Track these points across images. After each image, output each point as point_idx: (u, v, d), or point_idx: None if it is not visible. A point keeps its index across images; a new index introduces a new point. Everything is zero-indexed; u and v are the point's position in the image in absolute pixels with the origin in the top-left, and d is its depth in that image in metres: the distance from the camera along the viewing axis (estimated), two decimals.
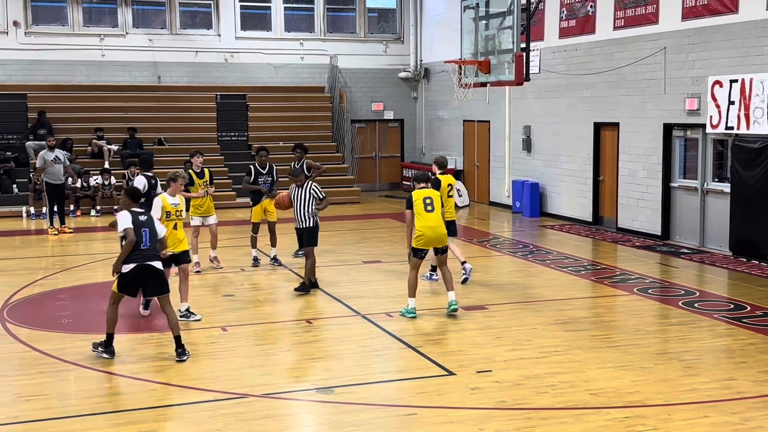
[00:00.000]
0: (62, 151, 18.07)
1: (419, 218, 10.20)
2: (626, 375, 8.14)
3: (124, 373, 8.35)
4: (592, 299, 11.78)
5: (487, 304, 11.07)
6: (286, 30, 25.12)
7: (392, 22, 26.36)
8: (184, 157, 21.69)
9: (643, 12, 16.26)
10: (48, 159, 17.42)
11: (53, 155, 17.47)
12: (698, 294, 11.72)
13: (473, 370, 8.30)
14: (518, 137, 20.39)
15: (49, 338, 9.55)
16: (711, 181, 15.11)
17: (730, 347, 9.22)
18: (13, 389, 7.93)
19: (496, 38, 14.12)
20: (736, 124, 13.94)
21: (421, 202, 10.25)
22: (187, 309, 10.18)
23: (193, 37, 24.23)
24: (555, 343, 9.24)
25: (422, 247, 10.23)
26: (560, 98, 18.93)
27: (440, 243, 10.28)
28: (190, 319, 10.13)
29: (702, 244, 15.19)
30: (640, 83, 16.40)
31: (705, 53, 14.80)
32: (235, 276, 12.91)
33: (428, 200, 10.28)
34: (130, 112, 23.15)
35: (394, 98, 26.04)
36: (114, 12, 23.71)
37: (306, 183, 11.70)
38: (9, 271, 13.71)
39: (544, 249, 15.42)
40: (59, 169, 17.46)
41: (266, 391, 7.78)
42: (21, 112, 22.31)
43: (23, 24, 22.74)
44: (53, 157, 17.45)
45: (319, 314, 10.78)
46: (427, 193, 10.37)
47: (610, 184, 17.58)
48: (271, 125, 24.27)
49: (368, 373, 8.46)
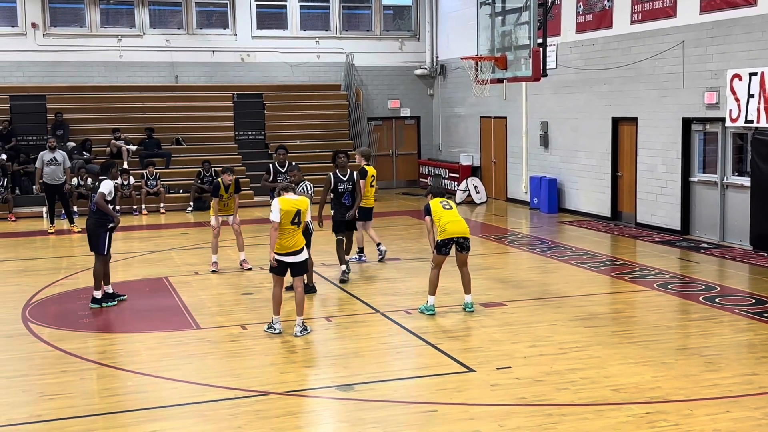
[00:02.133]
0: (62, 152, 18.22)
1: (440, 217, 10.37)
2: (647, 371, 8.10)
3: (145, 371, 8.40)
4: (611, 295, 11.73)
5: (505, 301, 11.05)
6: (302, 28, 25.16)
7: (408, 19, 26.33)
8: (202, 156, 21.93)
9: (660, 5, 16.16)
10: (45, 159, 17.73)
11: (51, 156, 17.72)
12: (719, 289, 11.64)
13: (493, 367, 8.29)
14: (535, 133, 20.32)
15: (71, 337, 9.63)
16: (731, 175, 15.00)
17: (751, 342, 9.16)
18: (37, 388, 8.00)
19: (512, 34, 14.10)
20: (756, 118, 13.82)
21: (438, 205, 10.50)
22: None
23: (210, 37, 24.33)
24: (575, 339, 9.21)
25: (448, 236, 10.27)
26: (577, 93, 18.84)
27: (463, 233, 10.36)
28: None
29: (722, 239, 15.08)
30: (658, 77, 16.30)
31: (723, 46, 14.69)
32: (255, 275, 12.96)
33: (444, 202, 10.56)
34: (147, 112, 23.28)
35: (410, 95, 26.02)
36: (131, 13, 23.84)
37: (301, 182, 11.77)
38: (31, 271, 13.84)
39: (562, 245, 15.36)
40: (57, 170, 17.71)
41: (286, 389, 7.81)
42: (40, 114, 22.48)
43: (41, 26, 22.91)
44: (51, 158, 17.71)
45: (339, 312, 10.80)
46: (442, 198, 10.68)
47: (629, 179, 17.49)
48: (288, 124, 24.34)
49: (388, 370, 8.47)
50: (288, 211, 9.34)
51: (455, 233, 10.29)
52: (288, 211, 9.34)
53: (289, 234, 9.38)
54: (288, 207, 9.36)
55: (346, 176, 12.43)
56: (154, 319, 10.55)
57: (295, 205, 9.43)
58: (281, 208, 9.33)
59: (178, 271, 13.46)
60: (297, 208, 9.40)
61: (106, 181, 10.97)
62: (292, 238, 9.41)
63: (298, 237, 9.50)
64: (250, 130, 24.19)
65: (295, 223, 9.40)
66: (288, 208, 9.35)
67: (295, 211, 9.37)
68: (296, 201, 9.50)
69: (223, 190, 13.27)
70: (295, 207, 9.40)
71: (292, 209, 9.36)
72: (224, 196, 13.28)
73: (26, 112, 22.33)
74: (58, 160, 17.76)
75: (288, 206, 9.37)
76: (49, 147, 18.00)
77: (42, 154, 17.91)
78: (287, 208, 9.35)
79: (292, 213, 9.35)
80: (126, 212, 19.78)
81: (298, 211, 9.40)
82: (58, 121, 21.91)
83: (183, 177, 21.91)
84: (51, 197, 17.93)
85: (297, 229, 9.43)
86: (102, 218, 10.90)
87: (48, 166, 17.70)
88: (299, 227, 9.45)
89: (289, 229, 9.38)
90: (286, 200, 9.43)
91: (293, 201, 9.47)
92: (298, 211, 9.41)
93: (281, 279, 9.59)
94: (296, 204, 9.45)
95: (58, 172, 17.74)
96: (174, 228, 18.39)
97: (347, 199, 12.42)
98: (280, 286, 9.61)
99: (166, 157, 22.33)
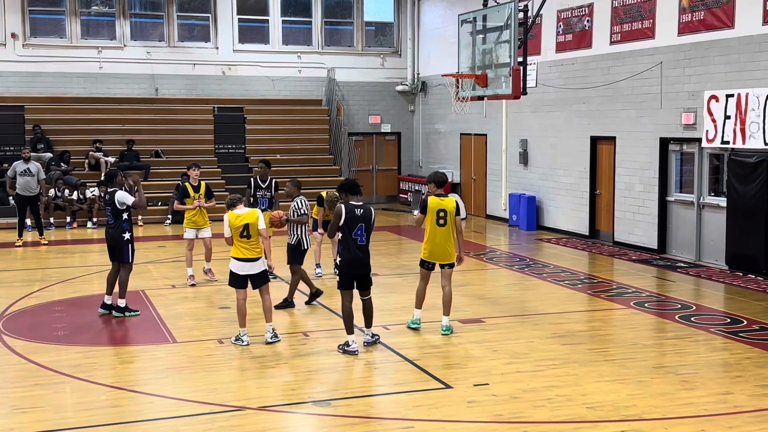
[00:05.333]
0: (36, 163, 17.96)
1: (431, 231, 10.11)
2: (623, 389, 8.13)
3: (120, 385, 8.32)
4: (588, 313, 11.78)
5: (483, 318, 11.07)
6: (283, 43, 25.19)
7: (390, 35, 26.45)
8: (181, 169, 21.78)
9: (639, 27, 16.34)
10: (18, 170, 17.52)
11: (25, 167, 17.48)
12: (695, 308, 11.73)
13: (470, 384, 8.29)
14: (515, 150, 20.44)
15: (45, 350, 9.52)
16: (707, 195, 15.15)
17: (726, 361, 9.23)
18: (10, 401, 7.90)
19: (493, 52, 14.18)
20: (732, 139, 13.99)
21: (435, 215, 10.08)
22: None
23: (191, 50, 24.29)
24: (552, 357, 9.24)
25: (427, 259, 10.22)
26: (557, 112, 18.99)
27: (445, 259, 10.18)
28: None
29: (698, 258, 15.21)
30: (636, 97, 16.46)
31: (701, 68, 14.87)
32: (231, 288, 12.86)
33: (442, 213, 10.07)
34: (127, 124, 23.18)
35: (391, 111, 26.09)
36: (112, 24, 23.77)
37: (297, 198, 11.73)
38: (5, 282, 13.68)
39: (540, 262, 15.43)
40: (29, 181, 17.43)
41: (263, 404, 7.76)
42: (18, 124, 22.29)
43: (21, 36, 22.78)
44: (24, 168, 17.46)
45: (316, 327, 10.77)
46: (442, 204, 10.12)
47: (607, 198, 17.62)
48: (269, 138, 24.31)
49: (365, 386, 8.45)
50: (236, 225, 9.64)
51: (435, 257, 10.19)
52: (237, 226, 9.63)
53: (241, 246, 9.64)
54: (235, 221, 9.66)
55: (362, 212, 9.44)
56: (129, 332, 10.46)
57: (243, 219, 9.68)
58: (229, 221, 9.68)
59: (155, 284, 13.36)
60: (245, 222, 9.66)
61: (119, 192, 11.15)
62: (245, 250, 9.65)
63: (252, 249, 9.69)
64: (230, 144, 24.13)
65: (244, 236, 9.64)
66: (236, 222, 9.65)
67: (243, 225, 9.63)
68: (244, 215, 9.75)
69: (191, 190, 13.08)
70: (242, 221, 9.66)
71: (240, 223, 9.64)
72: (194, 196, 13.07)
73: (4, 122, 22.13)
74: (32, 171, 17.50)
75: (235, 220, 9.67)
76: (24, 158, 17.79)
77: (15, 165, 17.70)
78: (235, 222, 9.66)
79: (239, 227, 9.62)
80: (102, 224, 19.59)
81: (246, 225, 9.64)
82: (38, 135, 21.75)
83: (162, 190, 21.80)
84: (23, 209, 17.62)
85: (249, 241, 9.66)
86: (122, 228, 10.99)
87: (21, 177, 17.44)
88: (250, 239, 9.66)
89: (240, 241, 9.64)
90: (234, 214, 9.73)
91: (241, 215, 9.72)
92: (246, 224, 9.65)
93: (243, 291, 9.81)
94: (244, 218, 9.70)
95: (32, 183, 17.48)
96: (152, 241, 18.27)
97: (360, 235, 9.44)
98: (243, 298, 9.80)
99: (144, 169, 22.21)
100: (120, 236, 11.04)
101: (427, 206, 10.12)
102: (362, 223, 9.35)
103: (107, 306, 11.25)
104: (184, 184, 13.28)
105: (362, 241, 9.38)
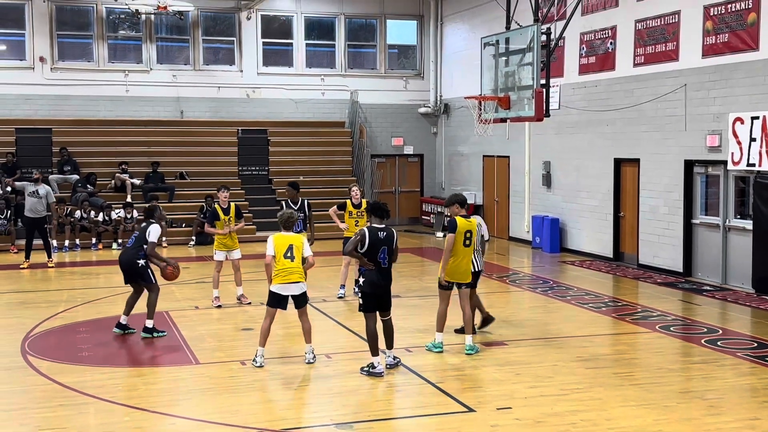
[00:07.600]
0: (46, 186, 17.84)
1: (457, 251, 10.17)
2: (649, 414, 8.04)
3: (143, 406, 8.35)
4: (613, 336, 11.68)
5: (506, 340, 11.00)
6: (307, 66, 25.39)
7: (412, 58, 26.57)
8: (205, 191, 21.97)
9: (663, 49, 16.30)
10: (26, 191, 17.47)
11: (33, 189, 17.39)
12: (721, 332, 11.59)
13: (493, 407, 8.23)
14: (538, 173, 20.39)
15: (70, 371, 9.58)
16: (733, 218, 15.02)
17: (754, 386, 9.10)
18: (35, 422, 7.95)
19: (516, 74, 14.20)
20: (758, 161, 13.86)
21: (462, 236, 10.19)
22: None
23: (216, 73, 24.55)
24: (576, 380, 9.16)
25: (449, 279, 10.24)
26: (580, 134, 18.94)
27: (464, 279, 10.29)
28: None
29: (724, 282, 15.05)
30: (660, 120, 16.39)
31: (725, 90, 14.79)
32: (255, 310, 12.93)
33: (468, 234, 10.23)
34: (153, 146, 23.42)
35: (414, 133, 26.17)
36: (138, 48, 24.10)
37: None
38: (31, 303, 13.81)
39: (564, 285, 15.33)
40: (37, 204, 17.27)
41: (284, 426, 7.75)
42: (46, 147, 22.61)
43: (49, 60, 23.14)
44: (32, 190, 17.37)
45: (339, 349, 10.76)
46: (468, 225, 10.27)
47: (631, 220, 17.51)
48: (292, 159, 24.46)
49: (387, 409, 8.42)
50: (281, 245, 9.65)
51: (458, 280, 10.26)
52: (281, 246, 9.65)
53: (283, 267, 9.61)
54: (281, 242, 9.67)
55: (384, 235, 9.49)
56: (153, 354, 10.51)
57: (289, 240, 9.70)
58: (275, 243, 9.65)
59: (179, 305, 13.43)
60: (290, 243, 9.68)
61: (155, 225, 11.28)
62: (287, 273, 9.62)
63: (295, 271, 9.66)
64: (254, 166, 24.30)
65: (288, 258, 9.61)
66: (281, 243, 9.66)
67: (287, 246, 9.65)
68: (290, 237, 9.77)
69: (221, 212, 13.18)
70: (287, 242, 9.68)
71: (284, 244, 9.66)
72: (224, 219, 13.15)
73: (32, 145, 22.47)
74: (40, 194, 17.30)
75: (281, 241, 9.68)
76: (33, 179, 17.84)
77: (25, 185, 17.75)
78: (280, 243, 9.66)
79: (284, 247, 9.64)
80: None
81: (290, 246, 9.66)
82: (65, 157, 22.02)
83: (186, 211, 21.96)
84: (30, 231, 17.50)
85: (292, 263, 9.63)
86: (139, 255, 11.17)
87: (29, 198, 17.37)
88: (293, 261, 9.64)
89: (283, 263, 9.61)
90: (281, 236, 9.75)
91: (287, 237, 9.75)
92: (291, 245, 9.66)
93: (273, 312, 9.75)
94: (290, 240, 9.72)
95: (38, 206, 17.29)
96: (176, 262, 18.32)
97: (383, 259, 9.44)
98: (271, 320, 9.77)
99: (169, 191, 22.40)
100: (135, 261, 11.15)
101: (457, 227, 10.16)
102: (385, 246, 9.37)
103: (122, 326, 11.34)
104: (213, 207, 13.42)
105: (385, 264, 9.40)
